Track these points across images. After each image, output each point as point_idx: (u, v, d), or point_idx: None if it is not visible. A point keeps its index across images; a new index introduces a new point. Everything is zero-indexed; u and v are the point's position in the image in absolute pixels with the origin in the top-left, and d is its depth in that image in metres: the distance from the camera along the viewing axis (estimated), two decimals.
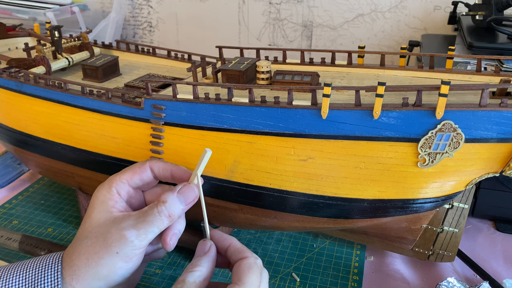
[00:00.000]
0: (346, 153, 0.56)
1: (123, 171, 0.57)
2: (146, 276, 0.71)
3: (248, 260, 0.49)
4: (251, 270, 0.48)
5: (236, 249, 0.51)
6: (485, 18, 0.87)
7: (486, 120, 0.51)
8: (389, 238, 0.69)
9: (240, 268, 0.48)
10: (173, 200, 0.52)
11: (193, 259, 0.51)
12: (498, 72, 0.62)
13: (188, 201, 0.53)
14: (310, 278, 0.70)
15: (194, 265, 0.49)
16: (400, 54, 0.69)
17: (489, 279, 0.67)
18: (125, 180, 0.56)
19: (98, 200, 0.54)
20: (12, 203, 0.89)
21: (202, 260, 0.50)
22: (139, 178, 0.56)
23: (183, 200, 0.53)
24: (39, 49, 0.77)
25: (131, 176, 0.56)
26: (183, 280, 0.47)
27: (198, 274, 0.48)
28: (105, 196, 0.54)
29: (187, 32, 1.45)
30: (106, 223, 0.51)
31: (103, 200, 0.54)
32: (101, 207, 0.53)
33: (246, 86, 0.59)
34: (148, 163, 0.57)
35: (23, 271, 0.49)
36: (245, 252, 0.51)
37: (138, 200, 0.58)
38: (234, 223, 0.70)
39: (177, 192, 0.53)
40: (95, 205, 0.54)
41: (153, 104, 0.62)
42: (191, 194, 0.53)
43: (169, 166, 0.57)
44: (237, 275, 0.48)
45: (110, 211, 0.53)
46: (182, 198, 0.53)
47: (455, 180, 0.58)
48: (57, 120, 0.72)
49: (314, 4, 1.26)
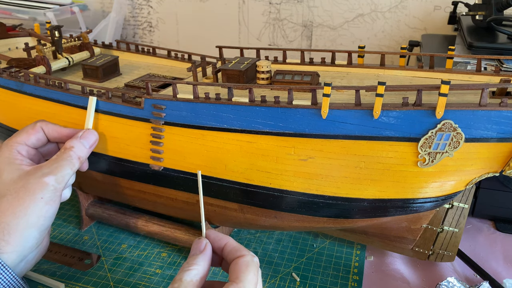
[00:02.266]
0: (346, 152, 0.56)
1: (16, 133, 0.61)
2: (146, 276, 0.71)
3: (245, 258, 0.49)
4: (248, 268, 0.48)
5: (233, 248, 0.51)
6: (485, 18, 0.87)
7: (486, 120, 0.51)
8: (389, 238, 0.69)
9: (238, 266, 0.48)
10: (79, 144, 0.60)
11: (189, 258, 0.51)
12: (498, 72, 0.62)
13: (90, 143, 0.62)
14: (310, 278, 0.70)
15: (190, 264, 0.49)
16: (400, 54, 0.69)
17: (489, 279, 0.67)
18: (23, 141, 0.60)
19: (3, 161, 0.57)
20: None
21: (198, 259, 0.50)
22: (35, 138, 0.61)
23: (86, 143, 0.61)
24: (39, 49, 0.77)
25: (27, 137, 0.61)
26: (180, 279, 0.47)
27: (195, 272, 0.48)
28: (9, 158, 0.57)
29: (187, 32, 1.45)
30: (21, 177, 0.55)
31: (9, 161, 0.57)
32: (10, 167, 0.56)
33: (246, 86, 0.59)
34: (39, 123, 0.62)
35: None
36: (242, 250, 0.50)
37: (37, 157, 0.62)
38: (234, 223, 0.70)
39: (80, 137, 0.61)
40: (3, 166, 0.56)
41: (153, 104, 0.63)
42: (91, 136, 0.63)
43: (58, 127, 0.63)
44: (235, 273, 0.48)
45: (20, 168, 0.56)
46: (86, 141, 0.61)
47: (455, 179, 0.58)
48: (57, 120, 0.72)
49: (314, 4, 1.26)
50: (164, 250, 0.76)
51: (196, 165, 0.63)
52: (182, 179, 0.66)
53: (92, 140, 0.63)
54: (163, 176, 0.67)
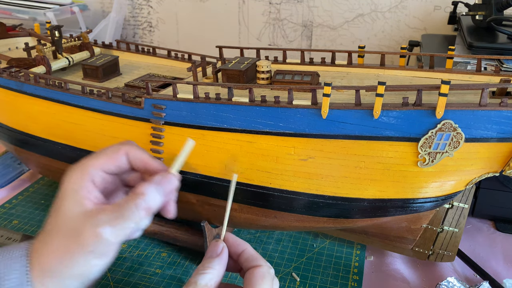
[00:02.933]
0: (346, 152, 0.56)
1: (96, 154, 0.51)
2: (146, 276, 0.71)
3: (262, 269, 0.48)
4: (264, 280, 0.47)
5: (250, 256, 0.50)
6: (485, 18, 0.87)
7: (486, 120, 0.51)
8: (389, 238, 0.69)
9: (253, 277, 0.47)
10: (152, 191, 0.48)
11: (204, 260, 0.49)
12: (498, 72, 0.62)
13: (166, 192, 0.49)
14: (310, 278, 0.70)
15: (205, 267, 0.47)
16: (400, 54, 0.69)
17: (489, 279, 0.67)
18: (100, 166, 0.50)
19: (70, 188, 0.49)
20: (12, 203, 0.89)
21: (213, 262, 0.48)
22: (115, 165, 0.51)
23: (162, 191, 0.49)
24: (39, 49, 0.77)
25: (106, 162, 0.51)
26: (195, 282, 0.45)
27: (210, 276, 0.46)
28: (78, 185, 0.49)
29: (187, 32, 1.45)
30: (79, 217, 0.47)
31: (75, 189, 0.48)
32: (73, 197, 0.48)
33: (246, 85, 0.59)
34: (123, 149, 0.52)
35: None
36: (259, 260, 0.49)
37: (113, 185, 0.53)
38: (234, 223, 0.70)
39: (156, 182, 0.48)
40: (67, 195, 0.48)
41: (153, 104, 0.63)
42: (170, 184, 0.49)
43: (145, 157, 0.52)
44: (250, 283, 0.47)
45: (83, 203, 0.48)
46: (161, 189, 0.48)
47: (455, 179, 0.58)
48: (57, 119, 0.72)
49: (314, 4, 1.26)
50: (164, 250, 0.76)
51: (196, 165, 0.63)
52: (182, 179, 0.66)
53: (170, 187, 0.50)
54: None
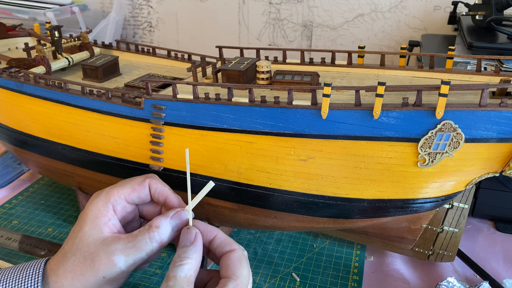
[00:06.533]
0: (346, 153, 0.56)
1: (121, 184, 0.55)
2: (146, 276, 0.71)
3: (237, 252, 0.48)
4: (242, 263, 0.48)
5: (223, 241, 0.50)
6: (485, 18, 0.87)
7: (486, 120, 0.51)
8: (389, 238, 0.69)
9: (231, 261, 0.47)
10: (166, 226, 0.51)
11: (179, 249, 0.49)
12: (498, 72, 0.62)
13: (178, 228, 0.52)
14: (310, 278, 0.70)
15: (182, 258, 0.47)
16: (400, 54, 0.69)
17: (489, 279, 0.67)
18: (123, 195, 0.54)
19: (92, 213, 0.53)
20: (12, 203, 0.89)
21: (189, 251, 0.48)
22: (138, 195, 0.55)
23: (175, 226, 0.52)
24: (39, 49, 0.77)
25: (130, 192, 0.55)
26: (174, 276, 0.45)
27: (188, 267, 0.46)
28: (100, 211, 0.53)
29: (187, 32, 1.45)
30: (95, 243, 0.51)
31: (97, 215, 0.52)
32: (94, 223, 0.52)
33: (246, 86, 0.59)
34: (148, 181, 0.56)
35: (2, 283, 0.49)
36: (232, 244, 0.50)
37: (132, 214, 0.57)
38: (234, 223, 0.70)
39: (171, 217, 0.52)
40: (88, 219, 0.52)
41: (153, 104, 0.62)
42: (182, 222, 0.52)
43: (166, 190, 0.56)
44: (229, 268, 0.47)
45: (102, 230, 0.52)
46: (175, 223, 0.52)
47: (455, 180, 0.58)
48: (57, 120, 0.72)
49: (314, 4, 1.26)
50: (164, 250, 0.76)
51: (196, 165, 0.63)
52: (182, 179, 0.66)
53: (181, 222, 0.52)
54: (163, 176, 0.66)
